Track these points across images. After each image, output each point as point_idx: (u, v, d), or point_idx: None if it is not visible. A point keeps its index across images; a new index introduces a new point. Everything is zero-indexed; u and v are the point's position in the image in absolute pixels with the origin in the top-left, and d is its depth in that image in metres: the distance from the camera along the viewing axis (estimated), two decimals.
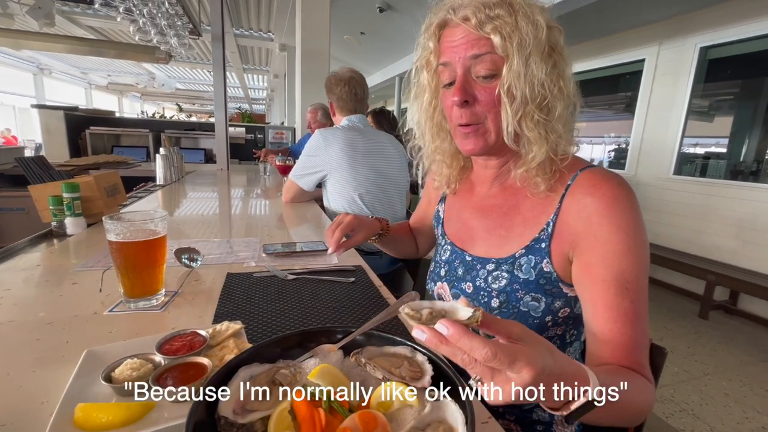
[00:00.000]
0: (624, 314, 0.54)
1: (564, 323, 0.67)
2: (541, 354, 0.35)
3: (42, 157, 1.80)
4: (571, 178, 0.63)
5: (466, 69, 0.61)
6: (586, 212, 0.59)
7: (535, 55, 0.58)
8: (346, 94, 1.70)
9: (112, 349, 0.53)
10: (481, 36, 0.58)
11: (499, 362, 0.33)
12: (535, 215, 0.66)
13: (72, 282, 0.82)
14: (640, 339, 0.54)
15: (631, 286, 0.55)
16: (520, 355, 0.33)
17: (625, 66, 4.32)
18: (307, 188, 1.72)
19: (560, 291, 0.64)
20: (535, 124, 0.60)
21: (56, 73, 10.57)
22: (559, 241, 0.62)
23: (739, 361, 2.53)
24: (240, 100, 16.92)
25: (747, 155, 3.50)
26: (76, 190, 1.18)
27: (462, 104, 0.61)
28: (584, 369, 0.41)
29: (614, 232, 0.56)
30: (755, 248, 3.20)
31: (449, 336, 0.33)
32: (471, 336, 0.33)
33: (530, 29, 0.57)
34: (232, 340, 0.56)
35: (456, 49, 0.61)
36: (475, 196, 0.77)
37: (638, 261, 0.55)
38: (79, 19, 5.52)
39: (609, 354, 0.54)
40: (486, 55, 0.59)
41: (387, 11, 4.93)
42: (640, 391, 0.51)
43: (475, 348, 0.33)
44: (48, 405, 0.45)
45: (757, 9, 3.12)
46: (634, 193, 0.59)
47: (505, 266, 0.67)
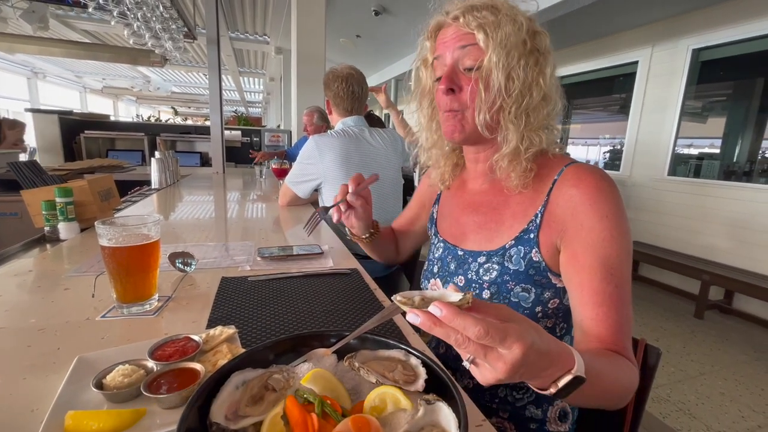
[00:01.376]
0: (609, 298, 0.57)
1: (554, 315, 0.69)
2: (528, 331, 0.36)
3: (35, 162, 1.78)
4: (557, 173, 0.67)
5: (455, 60, 0.66)
6: (572, 202, 0.63)
7: (515, 50, 0.63)
8: (343, 91, 1.63)
9: (103, 356, 0.52)
10: (467, 32, 0.64)
11: (491, 339, 0.34)
12: (524, 208, 0.69)
13: (64, 288, 0.82)
14: (624, 323, 0.57)
15: (615, 272, 0.58)
16: (511, 331, 0.34)
17: (619, 68, 4.35)
18: (302, 195, 1.71)
19: (549, 281, 0.67)
20: (510, 115, 0.65)
21: (50, 77, 10.50)
22: (547, 231, 0.66)
23: (734, 360, 2.54)
24: (236, 103, 16.90)
25: (740, 156, 3.53)
26: (69, 195, 1.17)
27: (448, 92, 0.66)
28: (569, 348, 0.42)
29: (598, 220, 0.60)
30: (750, 248, 3.23)
31: (443, 317, 0.34)
32: (463, 315, 0.34)
33: (511, 28, 0.63)
34: (225, 345, 0.55)
35: (447, 44, 0.67)
36: (467, 193, 0.81)
37: (621, 248, 0.59)
38: (73, 22, 5.50)
39: (594, 337, 0.57)
40: (471, 46, 0.64)
41: (382, 14, 4.94)
42: (625, 371, 0.54)
43: (467, 326, 0.34)
44: (38, 413, 0.44)
45: (748, 11, 3.16)
46: (616, 185, 0.63)
47: (495, 258, 0.70)
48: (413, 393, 0.43)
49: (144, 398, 0.45)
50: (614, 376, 0.51)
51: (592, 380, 0.43)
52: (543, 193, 0.68)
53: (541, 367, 0.39)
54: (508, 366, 0.35)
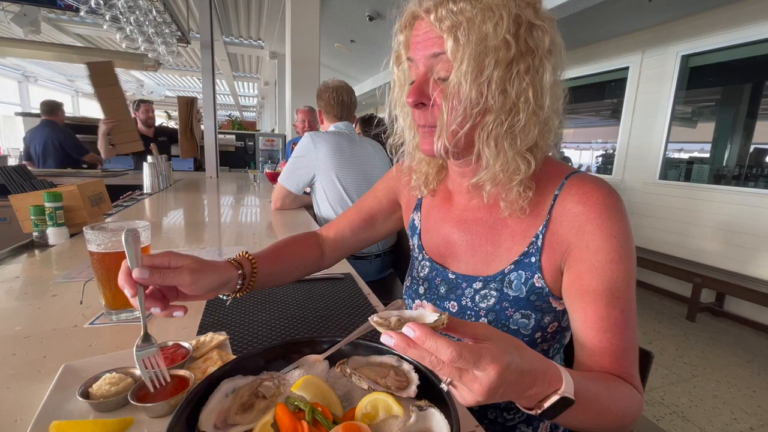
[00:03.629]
0: (614, 324, 0.53)
1: (552, 339, 0.66)
2: (506, 350, 0.36)
3: (23, 166, 1.76)
4: (558, 187, 0.60)
5: (428, 68, 0.55)
6: (578, 221, 0.57)
7: (493, 56, 0.50)
8: (333, 100, 1.78)
9: (90, 364, 0.51)
10: (437, 35, 0.52)
11: (465, 362, 0.33)
12: (524, 228, 0.62)
13: (52, 294, 0.80)
14: (629, 348, 0.54)
15: (621, 295, 0.54)
16: (485, 352, 0.34)
17: (610, 73, 4.42)
18: (295, 190, 1.73)
19: (549, 306, 0.62)
20: (487, 138, 0.54)
21: (42, 81, 10.41)
22: (550, 254, 0.60)
23: (726, 363, 2.56)
24: (230, 108, 16.85)
25: (729, 160, 3.58)
26: (58, 200, 1.16)
27: (416, 105, 0.56)
28: (557, 366, 0.41)
29: (606, 240, 0.55)
30: (740, 251, 3.27)
31: (416, 338, 0.34)
32: (436, 337, 0.33)
33: (493, 27, 0.49)
34: (216, 352, 0.55)
35: (418, 46, 0.55)
36: (455, 208, 0.71)
37: (628, 269, 0.55)
38: (65, 26, 5.47)
39: (597, 363, 0.54)
40: (443, 54, 0.52)
41: (377, 19, 4.97)
42: (625, 396, 0.50)
43: (440, 349, 0.33)
44: (21, 423, 0.43)
45: (736, 18, 3.23)
46: (622, 200, 0.58)
47: (493, 284, 0.64)
48: (405, 399, 0.42)
49: (131, 407, 0.44)
50: (610, 401, 0.48)
51: (583, 403, 0.41)
52: (544, 211, 0.60)
53: (523, 386, 0.37)
54: (484, 388, 0.34)
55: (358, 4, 4.75)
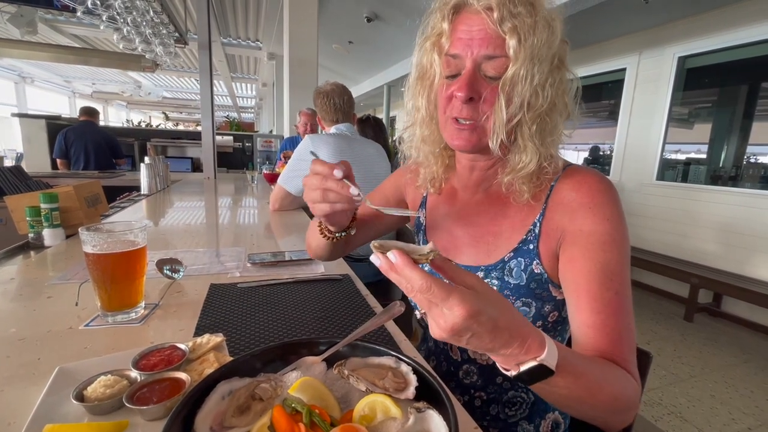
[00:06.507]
0: (608, 305, 0.54)
1: (553, 329, 0.67)
2: (482, 300, 0.36)
3: (19, 167, 1.75)
4: (554, 179, 0.63)
5: (477, 65, 0.56)
6: (571, 207, 0.60)
7: (545, 63, 0.55)
8: (327, 105, 1.81)
9: (85, 366, 0.51)
10: (499, 34, 0.54)
11: (433, 295, 0.35)
12: (522, 217, 0.65)
13: (47, 296, 0.79)
14: (624, 332, 0.53)
15: (615, 277, 0.55)
16: (456, 293, 0.35)
17: (607, 75, 4.43)
18: (294, 192, 1.73)
19: (549, 294, 0.64)
20: (531, 133, 0.58)
21: (39, 82, 10.36)
22: (547, 240, 0.62)
23: (723, 363, 2.57)
24: (228, 109, 16.82)
25: (726, 161, 3.60)
26: (54, 201, 1.15)
27: (467, 100, 0.57)
28: (543, 336, 0.40)
29: (598, 223, 0.57)
30: (737, 251, 3.28)
31: (396, 264, 0.36)
32: (413, 267, 0.36)
33: (546, 35, 0.54)
34: (212, 354, 0.54)
35: (471, 43, 0.55)
36: (459, 203, 0.74)
37: (621, 252, 0.56)
38: (62, 27, 5.45)
39: (591, 345, 0.53)
40: (500, 58, 0.55)
41: (374, 21, 4.98)
42: (617, 379, 0.49)
43: (413, 278, 0.35)
44: (14, 426, 0.42)
45: (732, 20, 3.25)
46: (614, 187, 0.60)
47: (494, 273, 0.66)
48: (404, 401, 0.42)
49: (126, 410, 0.44)
50: (600, 381, 0.46)
51: (566, 377, 0.41)
52: (541, 199, 0.63)
53: (496, 341, 0.37)
54: (448, 325, 0.35)
55: (356, 6, 4.76)
